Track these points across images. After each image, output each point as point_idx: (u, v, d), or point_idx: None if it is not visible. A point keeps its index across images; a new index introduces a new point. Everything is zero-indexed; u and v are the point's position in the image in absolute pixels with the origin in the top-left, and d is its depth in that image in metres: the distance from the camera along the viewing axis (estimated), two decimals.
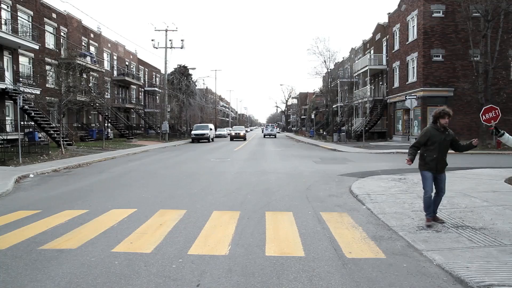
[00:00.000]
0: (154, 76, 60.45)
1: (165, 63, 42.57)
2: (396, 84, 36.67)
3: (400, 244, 5.63)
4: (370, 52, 44.85)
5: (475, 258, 4.84)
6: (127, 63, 49.12)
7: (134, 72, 50.83)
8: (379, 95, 41.77)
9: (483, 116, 9.02)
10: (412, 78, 32.98)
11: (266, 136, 55.45)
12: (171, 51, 45.99)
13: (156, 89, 55.73)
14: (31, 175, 13.57)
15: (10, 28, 25.73)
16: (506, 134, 6.29)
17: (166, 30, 41.74)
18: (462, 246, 5.35)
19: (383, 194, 9.15)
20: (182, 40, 42.16)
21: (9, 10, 26.38)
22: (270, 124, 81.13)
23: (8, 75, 25.76)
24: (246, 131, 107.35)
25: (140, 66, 54.44)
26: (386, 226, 6.58)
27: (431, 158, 6.49)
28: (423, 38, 30.47)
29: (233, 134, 48.48)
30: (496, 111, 8.70)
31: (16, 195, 10.18)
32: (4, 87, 23.75)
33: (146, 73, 57.01)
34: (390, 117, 38.65)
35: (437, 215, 6.71)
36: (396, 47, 36.58)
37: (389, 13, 38.43)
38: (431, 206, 6.53)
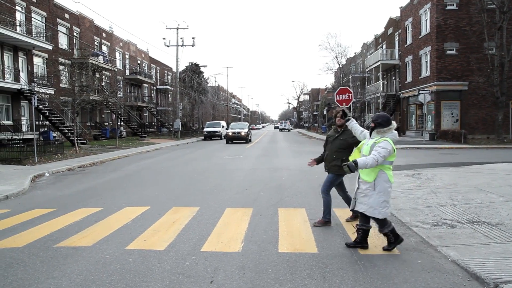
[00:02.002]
0: (166, 74, 60.75)
1: (177, 61, 42.77)
2: (409, 79, 36.26)
3: (414, 240, 5.57)
4: (382, 47, 44.40)
5: (492, 254, 4.76)
6: (139, 62, 49.44)
7: (146, 71, 51.14)
8: (391, 90, 41.37)
9: (337, 96, 8.97)
10: (425, 72, 32.57)
11: (281, 130, 73.59)
12: (182, 49, 46.25)
13: (168, 87, 56.00)
14: (47, 174, 13.77)
15: (25, 29, 26.08)
16: (353, 122, 5.92)
17: (177, 28, 41.91)
18: (477, 242, 5.28)
19: (396, 190, 9.07)
20: (193, 38, 42.28)
21: (23, 11, 26.73)
22: (284, 120, 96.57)
23: (23, 75, 26.13)
24: (254, 128, 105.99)
25: (152, 64, 54.75)
26: (400, 222, 6.52)
27: (326, 156, 6.59)
28: (436, 31, 30.04)
29: (230, 134, 33.29)
30: (350, 94, 8.64)
31: (32, 193, 10.35)
32: (19, 88, 24.11)
33: (158, 71, 57.30)
34: (403, 112, 38.26)
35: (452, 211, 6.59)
36: (409, 41, 36.14)
37: (401, 7, 37.97)
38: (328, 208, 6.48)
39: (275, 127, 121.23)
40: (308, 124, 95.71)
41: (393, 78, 41.97)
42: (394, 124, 5.29)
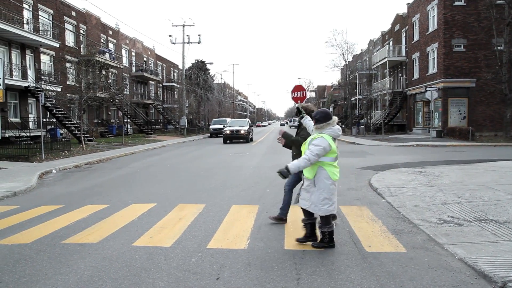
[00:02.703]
0: (172, 72, 60.86)
1: (183, 58, 42.83)
2: (416, 76, 36.02)
3: (421, 238, 5.54)
4: (389, 44, 44.13)
5: (499, 253, 4.72)
6: (145, 59, 49.56)
7: (152, 68, 51.26)
8: (398, 87, 41.13)
9: (293, 93, 9.10)
10: (432, 69, 32.33)
11: (290, 127, 71.77)
12: (188, 46, 46.31)
13: (174, 84, 56.12)
14: (54, 171, 13.87)
15: (32, 27, 26.24)
16: (307, 118, 5.79)
17: (184, 26, 41.95)
18: (485, 240, 5.24)
19: (403, 187, 9.03)
20: (199, 35, 42.36)
21: (31, 9, 26.89)
22: (293, 118, 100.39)
23: (30, 73, 26.30)
24: (259, 125, 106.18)
25: (158, 61, 54.86)
26: (406, 219, 6.49)
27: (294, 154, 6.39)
28: (444, 28, 29.78)
29: (228, 132, 29.43)
30: (304, 92, 8.79)
31: (39, 190, 10.42)
32: (26, 85, 24.27)
33: (164, 68, 57.42)
34: (410, 109, 38.04)
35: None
36: (416, 38, 35.88)
37: (408, 3, 37.69)
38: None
39: (281, 124, 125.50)
40: None
41: (400, 75, 41.73)
42: (334, 119, 5.20)
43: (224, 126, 34.72)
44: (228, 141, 29.49)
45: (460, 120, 29.91)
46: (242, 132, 29.02)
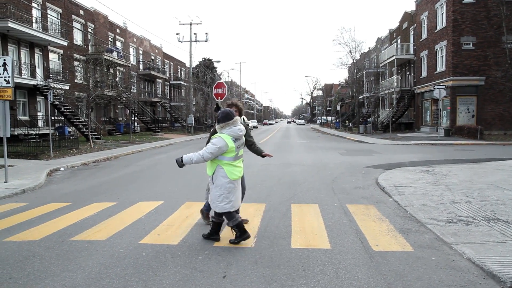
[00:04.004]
0: (179, 70, 60.99)
1: (190, 57, 42.89)
2: (424, 74, 35.77)
3: (429, 237, 5.51)
4: (396, 42, 43.86)
5: (508, 253, 4.68)
6: (152, 57, 49.71)
7: (160, 66, 51.40)
8: (406, 85, 40.89)
9: (214, 89, 9.43)
10: (440, 67, 32.08)
11: (298, 125, 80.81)
12: (195, 44, 46.29)
13: (181, 82, 56.24)
14: (62, 169, 13.97)
15: (41, 26, 26.42)
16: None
17: (191, 24, 42.00)
18: (494, 239, 5.19)
19: (410, 186, 8.98)
20: (206, 33, 42.38)
21: (39, 8, 27.07)
22: (300, 118, 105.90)
23: (39, 71, 26.52)
24: (266, 123, 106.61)
25: (165, 60, 55.00)
26: (414, 218, 6.46)
27: None
28: (453, 25, 29.52)
29: None
30: (225, 89, 9.09)
31: (48, 187, 10.51)
32: (35, 83, 24.48)
33: (171, 66, 57.55)
34: (418, 108, 37.80)
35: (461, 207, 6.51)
36: (424, 35, 35.61)
37: (417, 1, 37.39)
38: None
39: (288, 122, 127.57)
40: (321, 120, 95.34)
41: (408, 73, 41.47)
42: (234, 120, 5.31)
43: None
44: None
45: (469, 118, 29.65)
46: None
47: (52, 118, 24.13)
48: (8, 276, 4.42)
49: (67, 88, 27.55)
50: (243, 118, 6.45)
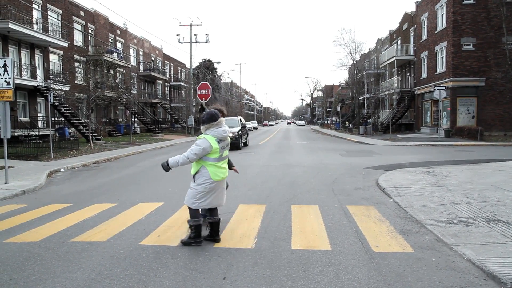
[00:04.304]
0: (179, 71, 61.03)
1: (190, 58, 42.89)
2: (424, 75, 35.77)
3: (429, 238, 5.51)
4: (397, 43, 43.88)
5: (509, 254, 4.68)
6: (152, 59, 49.74)
7: (160, 67, 51.44)
8: (406, 86, 40.89)
9: (199, 90, 9.49)
10: (441, 68, 32.09)
11: (298, 125, 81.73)
12: (196, 45, 46.36)
13: (181, 83, 56.27)
14: (62, 170, 13.97)
15: (41, 27, 26.45)
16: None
17: (191, 25, 42.01)
18: (494, 240, 5.19)
19: (410, 187, 8.98)
20: (206, 34, 42.38)
21: (40, 9, 27.10)
22: (300, 117, 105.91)
23: (39, 72, 26.54)
24: (267, 124, 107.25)
25: (165, 61, 55.04)
26: (414, 219, 6.45)
27: None
28: (453, 26, 29.53)
29: None
30: (209, 90, 9.15)
31: (48, 189, 10.51)
32: (35, 85, 24.50)
33: (172, 68, 57.59)
34: (418, 109, 37.79)
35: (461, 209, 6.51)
36: (424, 36, 35.62)
37: (417, 1, 37.43)
38: None
39: (288, 123, 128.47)
40: (321, 121, 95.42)
41: (408, 74, 41.48)
42: (219, 121, 5.38)
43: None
44: None
45: (469, 119, 29.65)
46: (230, 135, 24.54)
47: (53, 119, 24.16)
48: (8, 277, 4.42)
49: (68, 89, 27.57)
50: (240, 119, 6.51)
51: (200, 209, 5.59)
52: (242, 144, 23.54)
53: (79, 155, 18.44)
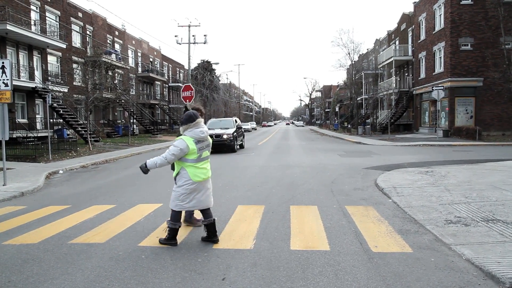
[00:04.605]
0: (178, 72, 61.01)
1: (189, 59, 42.84)
2: (423, 75, 35.83)
3: (428, 238, 5.51)
4: (395, 43, 43.95)
5: (507, 253, 4.69)
6: (151, 60, 49.73)
7: (158, 68, 51.42)
8: (404, 87, 40.95)
9: (183, 92, 9.65)
10: (439, 68, 32.15)
11: (297, 126, 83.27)
12: (194, 46, 46.41)
13: (180, 84, 56.13)
14: (61, 171, 13.95)
15: (39, 29, 26.43)
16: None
17: (189, 26, 41.97)
18: (493, 240, 5.20)
19: (409, 187, 8.99)
20: (205, 35, 42.34)
21: (38, 11, 27.09)
22: (299, 117, 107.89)
23: (37, 74, 26.49)
24: (265, 125, 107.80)
25: (164, 62, 55.02)
26: (413, 219, 6.46)
27: None
28: (451, 26, 29.58)
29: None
30: (192, 91, 9.27)
31: (47, 190, 10.50)
32: (34, 86, 24.46)
33: (170, 69, 57.58)
34: (416, 109, 37.85)
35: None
36: (422, 37, 35.69)
37: (415, 2, 37.50)
38: None
39: (287, 124, 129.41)
40: (320, 121, 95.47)
41: (406, 74, 41.54)
42: (196, 122, 5.43)
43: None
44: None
45: (467, 119, 29.70)
46: (224, 137, 20.30)
47: (51, 120, 24.11)
48: (7, 279, 4.41)
49: (66, 90, 27.53)
50: (235, 119, 6.61)
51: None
52: (238, 146, 22.36)
53: (77, 157, 18.42)
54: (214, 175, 12.44)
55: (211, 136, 18.95)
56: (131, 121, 39.31)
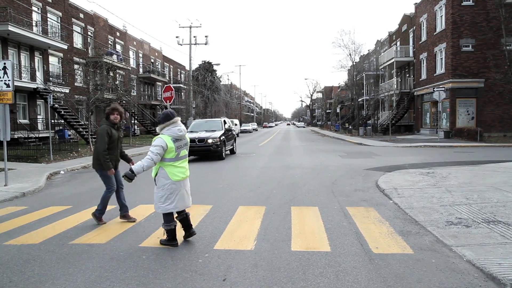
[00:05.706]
0: (179, 73, 61.07)
1: (190, 60, 42.89)
2: (424, 76, 35.81)
3: (429, 240, 5.51)
4: (396, 44, 43.93)
5: (509, 255, 4.68)
6: (152, 60, 49.79)
7: (159, 69, 51.48)
8: (405, 88, 40.93)
9: (163, 93, 9.86)
10: (440, 69, 32.13)
11: (298, 127, 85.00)
12: (195, 47, 46.43)
13: (181, 85, 56.29)
14: (62, 172, 13.97)
15: (41, 30, 26.48)
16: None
17: (190, 27, 42.02)
18: (494, 241, 5.19)
19: (410, 189, 8.98)
20: (206, 36, 42.35)
21: (39, 12, 27.14)
22: (299, 119, 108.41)
23: (39, 75, 26.55)
24: (266, 125, 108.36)
25: (165, 63, 55.10)
26: (414, 221, 6.45)
27: (113, 156, 6.73)
28: (452, 27, 29.58)
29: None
30: (172, 92, 9.51)
31: (48, 191, 10.51)
32: (35, 87, 24.50)
33: (171, 69, 57.65)
34: (418, 110, 37.82)
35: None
36: (423, 38, 35.67)
37: (416, 3, 37.50)
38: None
39: (287, 124, 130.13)
40: (321, 122, 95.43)
41: (407, 75, 41.52)
42: (173, 120, 5.47)
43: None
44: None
45: (468, 120, 29.67)
46: (209, 141, 16.84)
47: (52, 121, 24.13)
48: (8, 279, 4.42)
49: (67, 91, 27.58)
50: (224, 120, 6.72)
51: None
52: (228, 152, 19.15)
53: (78, 157, 18.44)
54: (216, 175, 12.49)
55: (193, 140, 14.35)
56: (132, 121, 39.35)
